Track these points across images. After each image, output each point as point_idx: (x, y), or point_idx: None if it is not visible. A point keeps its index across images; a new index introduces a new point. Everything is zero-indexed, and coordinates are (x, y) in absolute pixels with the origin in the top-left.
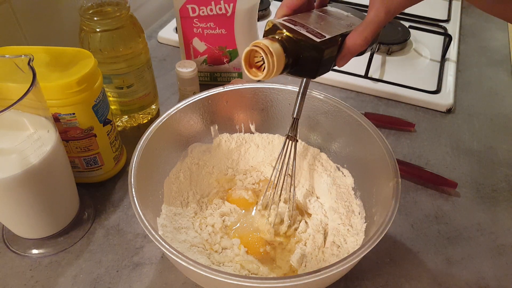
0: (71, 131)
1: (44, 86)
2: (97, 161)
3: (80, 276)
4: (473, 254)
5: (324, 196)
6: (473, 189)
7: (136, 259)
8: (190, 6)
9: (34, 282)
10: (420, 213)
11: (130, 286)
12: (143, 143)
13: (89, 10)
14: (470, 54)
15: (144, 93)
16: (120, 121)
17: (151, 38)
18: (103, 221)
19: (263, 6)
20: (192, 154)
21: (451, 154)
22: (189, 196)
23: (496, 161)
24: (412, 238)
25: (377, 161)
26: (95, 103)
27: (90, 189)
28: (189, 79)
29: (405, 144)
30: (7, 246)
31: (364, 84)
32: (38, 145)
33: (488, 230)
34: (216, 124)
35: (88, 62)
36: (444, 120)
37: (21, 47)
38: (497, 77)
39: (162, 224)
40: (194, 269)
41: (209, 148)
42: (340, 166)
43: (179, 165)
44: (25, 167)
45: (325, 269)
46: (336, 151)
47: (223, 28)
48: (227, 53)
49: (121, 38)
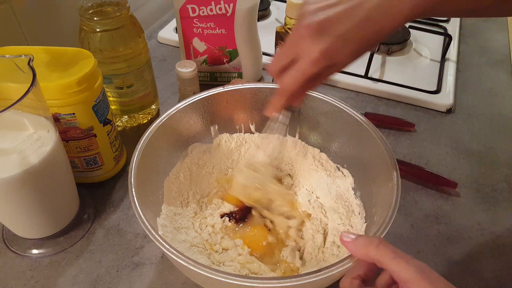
0: (71, 131)
1: (44, 86)
2: (97, 161)
3: (80, 276)
4: (473, 254)
5: (324, 196)
6: (473, 189)
7: (136, 259)
8: (190, 6)
9: (34, 282)
10: (420, 213)
11: (130, 286)
12: (143, 143)
13: (89, 10)
14: (470, 54)
15: (144, 93)
16: (120, 121)
17: (151, 38)
18: (103, 221)
19: (263, 6)
20: (192, 154)
21: (451, 154)
22: (189, 196)
23: (496, 161)
24: (412, 238)
25: (377, 161)
26: (95, 103)
27: (90, 189)
28: (189, 79)
29: (405, 144)
30: (7, 246)
31: (364, 84)
32: (38, 145)
33: (488, 230)
34: (216, 124)
35: (88, 62)
36: (444, 120)
37: (21, 47)
38: (497, 77)
39: (162, 224)
40: (194, 269)
41: (209, 148)
42: (340, 166)
43: (179, 165)
44: (25, 167)
45: (325, 269)
46: (336, 151)
47: (223, 28)
48: (227, 53)
49: (121, 38)
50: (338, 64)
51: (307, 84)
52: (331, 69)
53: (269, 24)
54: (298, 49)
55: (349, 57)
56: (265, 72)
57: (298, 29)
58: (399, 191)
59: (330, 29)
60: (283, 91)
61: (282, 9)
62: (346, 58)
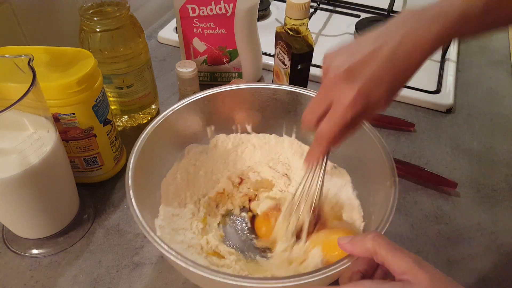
0: (71, 131)
1: (44, 86)
2: (97, 161)
3: (80, 276)
4: (473, 254)
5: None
6: (473, 189)
7: (136, 259)
8: (190, 6)
9: (34, 282)
10: (420, 213)
11: (130, 286)
12: (139, 144)
13: (89, 10)
14: (470, 54)
15: (144, 93)
16: (120, 121)
17: (151, 38)
18: (103, 221)
19: (263, 6)
20: (188, 155)
21: (451, 154)
22: (187, 197)
23: (496, 161)
24: (412, 238)
25: (374, 160)
26: (95, 103)
27: (90, 189)
28: (189, 79)
29: (405, 144)
30: (7, 246)
31: None
32: (38, 145)
33: (488, 230)
34: (213, 125)
35: (88, 62)
36: (444, 120)
37: (21, 47)
38: (497, 77)
39: (160, 225)
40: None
41: (206, 149)
42: (337, 165)
43: (176, 166)
44: (25, 167)
45: (325, 269)
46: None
47: (223, 28)
48: (227, 53)
49: (121, 38)
50: (374, 106)
51: (345, 130)
52: (369, 112)
53: (269, 24)
54: (332, 96)
55: (384, 97)
56: (265, 72)
57: (328, 80)
58: (396, 190)
59: (359, 72)
60: (322, 139)
61: (282, 9)
62: (381, 98)
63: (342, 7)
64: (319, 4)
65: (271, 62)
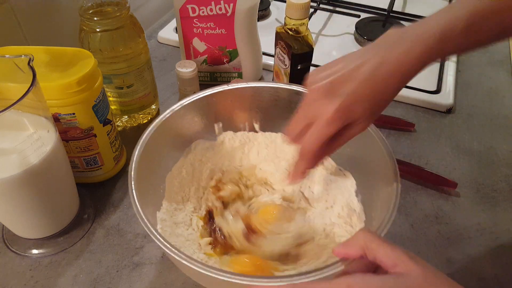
0: (71, 131)
1: (44, 86)
2: (97, 161)
3: (80, 276)
4: (473, 254)
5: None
6: (473, 189)
7: (136, 259)
8: (190, 6)
9: (34, 282)
10: (420, 213)
11: (130, 286)
12: (145, 137)
13: (89, 10)
14: (470, 54)
15: (144, 93)
16: (120, 121)
17: (151, 38)
18: (103, 221)
19: (263, 6)
20: (195, 150)
21: (451, 154)
22: (191, 192)
23: (496, 161)
24: (412, 238)
25: (378, 162)
26: (95, 103)
27: (90, 189)
28: (189, 79)
29: (405, 144)
30: (7, 246)
31: None
32: (38, 145)
33: (488, 230)
34: (221, 122)
35: (88, 62)
36: (444, 120)
37: (21, 47)
38: (497, 77)
39: (162, 219)
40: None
41: (213, 145)
42: (340, 166)
43: (182, 161)
44: (25, 167)
45: (325, 269)
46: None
47: (223, 28)
48: (227, 53)
49: (121, 38)
50: (356, 122)
51: (327, 145)
52: (352, 128)
53: (269, 24)
54: (313, 112)
55: (365, 114)
56: (265, 72)
57: (309, 95)
58: (398, 192)
59: (340, 88)
60: (304, 154)
61: (282, 9)
62: (362, 115)
63: (342, 7)
64: (319, 4)
65: (271, 62)
